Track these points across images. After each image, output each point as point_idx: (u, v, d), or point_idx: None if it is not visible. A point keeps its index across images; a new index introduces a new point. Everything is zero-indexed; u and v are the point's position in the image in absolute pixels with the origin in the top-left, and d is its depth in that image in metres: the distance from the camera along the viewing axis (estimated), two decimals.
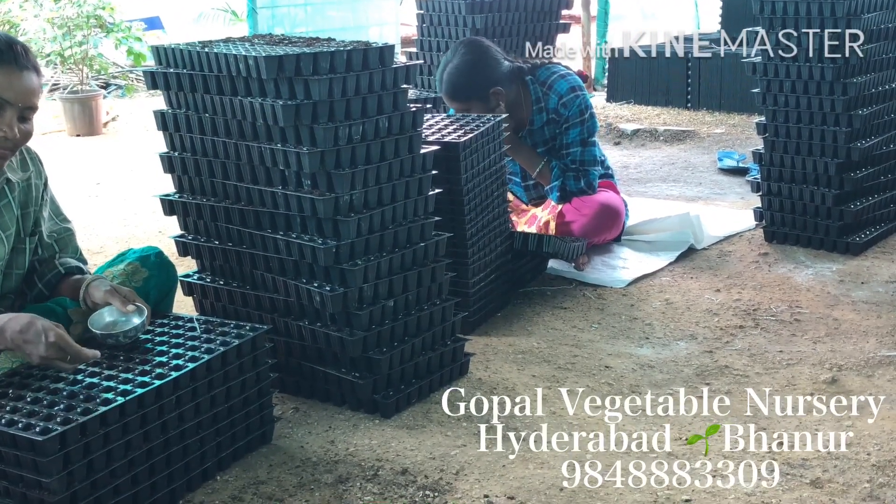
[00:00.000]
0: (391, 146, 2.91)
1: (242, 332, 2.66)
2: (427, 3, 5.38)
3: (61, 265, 2.76)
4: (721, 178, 5.79)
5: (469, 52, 4.11)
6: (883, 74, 4.37)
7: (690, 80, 7.78)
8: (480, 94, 4.06)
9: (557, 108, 4.15)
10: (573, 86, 4.18)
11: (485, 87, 4.06)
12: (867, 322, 3.52)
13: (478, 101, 4.06)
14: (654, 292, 3.90)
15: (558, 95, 4.15)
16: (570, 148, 4.16)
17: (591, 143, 4.19)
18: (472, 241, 3.49)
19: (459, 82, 4.06)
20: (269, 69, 2.70)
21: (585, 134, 4.16)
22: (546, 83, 4.18)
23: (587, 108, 4.18)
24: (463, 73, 4.07)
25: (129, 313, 2.60)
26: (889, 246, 4.32)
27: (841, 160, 4.20)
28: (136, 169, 6.37)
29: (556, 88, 4.16)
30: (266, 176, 2.89)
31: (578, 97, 4.16)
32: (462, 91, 4.06)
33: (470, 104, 4.06)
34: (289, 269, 2.91)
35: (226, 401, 2.58)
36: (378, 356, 2.84)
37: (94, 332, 2.57)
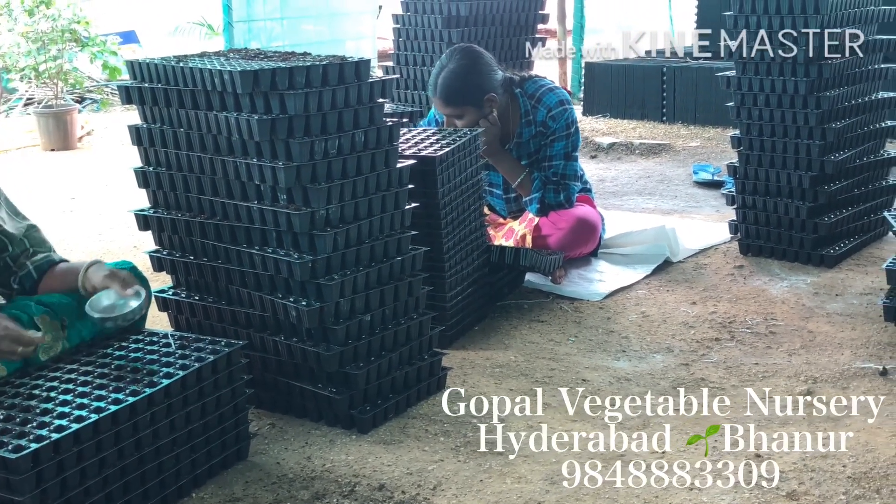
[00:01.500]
0: (367, 160, 2.90)
1: (217, 348, 2.65)
2: (403, 18, 5.39)
3: (44, 258, 2.76)
4: (696, 191, 5.83)
5: (464, 57, 4.11)
6: (855, 88, 4.41)
7: (666, 94, 7.83)
8: (475, 101, 4.06)
9: (546, 120, 4.16)
10: (561, 99, 4.20)
11: (480, 94, 4.06)
12: (842, 334, 3.54)
13: (472, 107, 4.06)
14: (630, 305, 3.91)
15: (547, 108, 4.16)
16: (554, 160, 4.17)
17: (573, 157, 4.21)
18: (450, 255, 3.49)
19: (455, 87, 4.05)
20: (245, 84, 2.69)
21: (569, 148, 4.18)
22: (535, 96, 4.19)
23: (573, 123, 4.20)
24: (459, 77, 4.05)
25: (128, 296, 2.63)
26: (863, 258, 4.35)
27: (815, 173, 4.23)
28: (111, 183, 6.34)
29: (545, 101, 4.17)
30: (241, 191, 2.88)
31: (566, 111, 4.17)
32: (457, 96, 4.05)
33: (464, 110, 4.06)
34: (264, 284, 2.90)
35: (201, 417, 2.57)
36: (355, 371, 2.83)
37: (92, 315, 2.59)
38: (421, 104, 5.29)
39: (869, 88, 4.55)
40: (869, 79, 4.52)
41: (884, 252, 4.33)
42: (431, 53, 5.26)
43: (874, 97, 4.56)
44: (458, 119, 4.07)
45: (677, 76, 7.78)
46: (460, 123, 4.07)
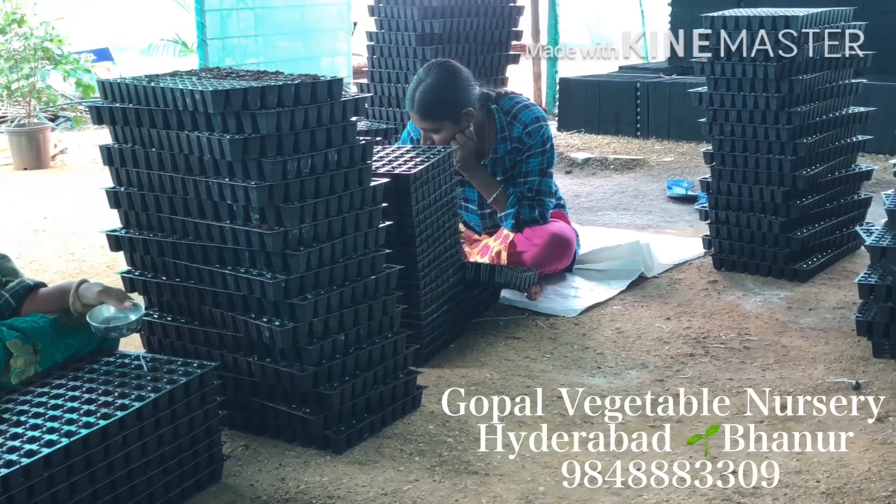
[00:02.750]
0: (341, 179, 2.90)
1: (190, 370, 2.63)
2: (377, 35, 5.39)
3: (18, 284, 2.77)
4: (670, 206, 5.85)
5: (442, 72, 4.12)
6: (826, 103, 4.45)
7: (640, 109, 7.87)
8: (453, 115, 4.06)
9: (521, 136, 4.17)
10: (537, 116, 4.21)
11: (457, 108, 4.06)
12: (815, 349, 3.56)
13: (449, 121, 4.06)
14: (605, 321, 3.92)
15: (523, 125, 4.18)
16: (529, 176, 4.18)
17: (548, 174, 4.22)
18: (424, 273, 3.48)
19: (433, 101, 4.04)
20: (216, 103, 2.68)
21: (545, 164, 4.19)
22: (511, 112, 4.20)
23: (549, 139, 4.21)
24: (436, 91, 4.05)
25: (126, 309, 2.69)
26: (836, 272, 4.38)
27: (787, 188, 4.26)
28: (85, 202, 6.29)
29: (521, 118, 4.18)
30: (214, 210, 2.86)
31: (542, 127, 4.19)
32: (435, 110, 4.05)
33: (441, 124, 4.05)
34: (237, 305, 2.88)
35: (173, 440, 2.55)
36: (329, 391, 2.82)
37: (95, 325, 2.64)
38: (396, 121, 5.29)
39: (840, 103, 4.59)
40: (840, 94, 4.56)
41: (856, 266, 4.36)
42: (406, 70, 5.26)
43: (845, 112, 4.60)
44: (435, 133, 4.07)
45: (651, 91, 7.82)
46: (437, 138, 4.07)
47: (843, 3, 6.08)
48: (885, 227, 3.57)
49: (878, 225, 3.71)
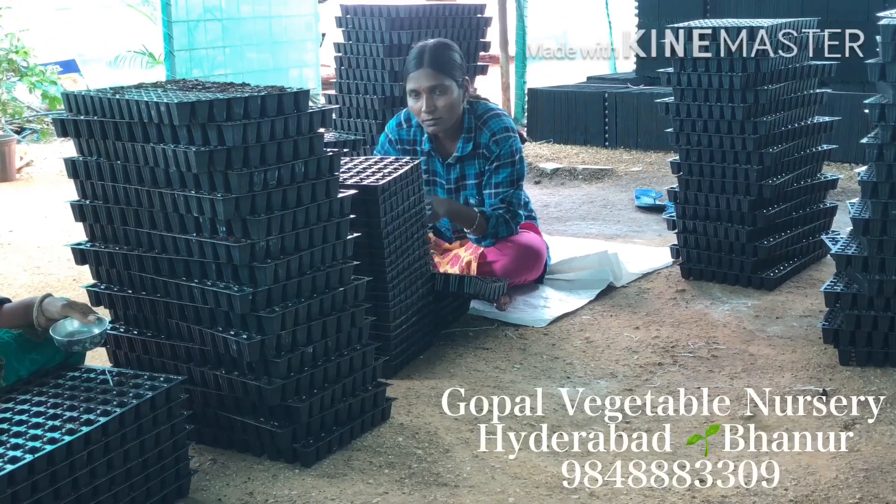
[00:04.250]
0: (308, 191, 2.89)
1: (156, 384, 2.61)
2: (345, 47, 5.39)
3: None
4: (639, 215, 5.88)
5: (444, 40, 4.31)
6: (791, 113, 4.49)
7: (608, 119, 7.91)
8: (458, 75, 4.15)
9: (489, 143, 4.19)
10: (507, 126, 4.23)
11: (462, 71, 4.19)
12: (782, 357, 3.58)
13: (454, 81, 4.14)
14: (574, 331, 3.92)
15: (491, 132, 4.19)
16: (500, 187, 4.19)
17: (519, 185, 4.23)
18: (393, 284, 3.48)
19: (445, 55, 4.14)
20: (181, 115, 2.66)
21: (515, 175, 4.20)
22: (482, 117, 4.22)
23: (518, 151, 4.22)
24: (448, 48, 4.19)
25: (90, 323, 2.67)
26: (802, 281, 4.42)
27: (753, 197, 4.29)
28: (51, 215, 6.23)
29: (491, 125, 4.20)
30: (180, 223, 2.84)
31: (511, 138, 4.20)
32: (447, 64, 4.12)
33: (448, 80, 4.11)
34: (204, 318, 2.86)
35: (140, 455, 2.52)
36: (297, 404, 2.80)
37: (58, 339, 2.62)
38: (364, 132, 5.29)
39: (805, 113, 4.64)
40: (805, 104, 4.61)
41: (822, 274, 4.40)
42: (374, 82, 5.26)
43: (810, 122, 4.64)
44: (441, 94, 4.10)
45: (619, 102, 7.87)
46: (442, 103, 4.09)
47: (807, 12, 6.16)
48: (850, 236, 3.61)
49: (843, 233, 3.75)
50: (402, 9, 5.25)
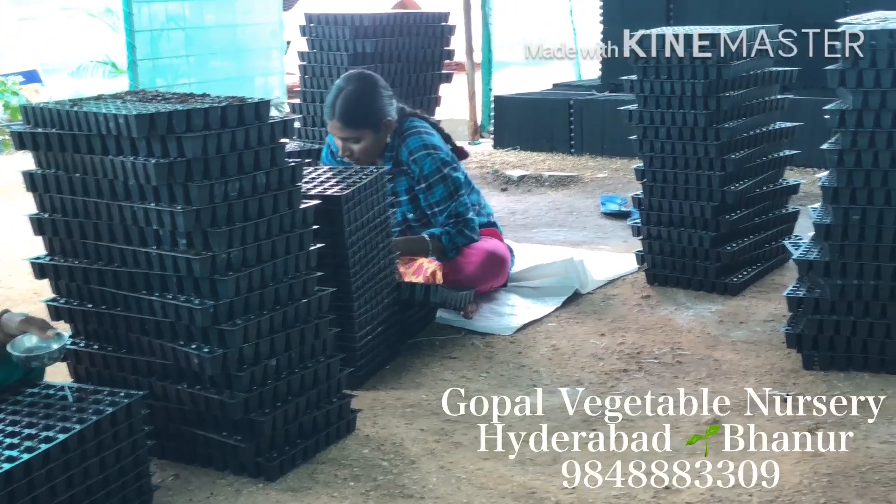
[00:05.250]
0: (270, 202, 2.86)
1: (117, 399, 2.58)
2: (309, 55, 5.37)
3: None
4: (604, 222, 5.89)
5: (362, 81, 4.14)
6: (754, 119, 4.52)
7: (574, 126, 7.93)
8: (374, 123, 4.08)
9: (409, 161, 4.17)
10: (426, 143, 4.18)
11: (378, 117, 4.09)
12: (746, 362, 3.59)
13: (371, 130, 4.07)
14: (541, 338, 3.92)
15: (408, 150, 4.17)
16: (441, 205, 4.17)
17: (459, 194, 4.19)
18: (358, 295, 3.46)
19: (355, 108, 4.05)
20: (140, 127, 2.64)
21: (451, 187, 4.17)
22: (402, 135, 4.20)
23: (446, 164, 4.17)
24: (359, 99, 4.07)
25: (49, 338, 2.64)
26: (766, 286, 4.44)
27: (716, 203, 4.31)
28: (12, 227, 6.15)
29: (409, 143, 4.18)
30: (140, 236, 2.81)
31: (430, 155, 4.16)
32: (358, 118, 4.05)
33: (363, 133, 4.06)
34: (165, 332, 2.83)
35: (100, 471, 2.49)
36: (260, 418, 2.78)
37: (16, 355, 2.60)
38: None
39: (767, 119, 4.67)
40: (767, 109, 4.64)
41: (785, 279, 4.42)
42: None
43: (772, 127, 4.68)
44: (354, 143, 4.07)
45: (584, 109, 7.89)
46: (357, 148, 4.07)
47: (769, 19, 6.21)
48: (812, 241, 3.64)
49: (805, 238, 3.77)
50: (366, 17, 5.25)
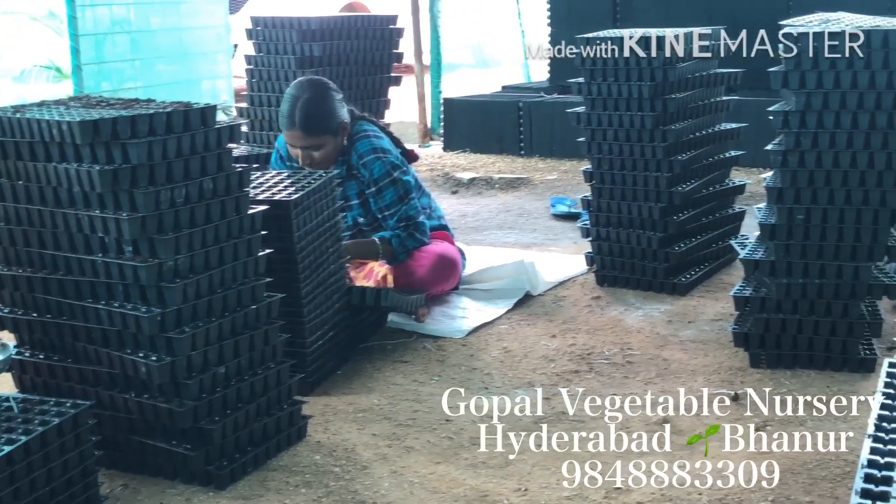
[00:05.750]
0: (217, 208, 2.84)
1: (63, 410, 2.54)
2: (256, 59, 5.34)
3: None
4: (554, 223, 5.93)
5: (317, 87, 4.12)
6: (700, 121, 4.57)
7: (523, 128, 7.96)
8: (335, 129, 4.08)
9: (358, 165, 4.17)
10: (375, 147, 4.18)
11: (337, 122, 4.09)
12: (695, 361, 3.63)
13: (331, 135, 4.07)
14: (492, 341, 3.93)
15: (358, 154, 4.17)
16: (391, 209, 4.16)
17: (409, 198, 4.19)
18: (308, 300, 3.44)
19: (316, 116, 4.03)
20: (84, 134, 2.60)
21: (401, 191, 4.17)
22: (352, 139, 4.19)
23: (395, 168, 4.17)
24: (319, 106, 4.05)
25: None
26: (713, 285, 4.49)
27: (664, 204, 4.35)
28: None
29: (357, 146, 4.18)
30: (85, 244, 2.77)
31: (380, 159, 4.15)
32: (320, 125, 4.04)
33: (324, 139, 4.05)
34: (112, 340, 2.79)
35: (47, 483, 2.45)
36: (210, 426, 2.75)
37: None
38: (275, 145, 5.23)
39: (713, 120, 4.73)
40: (712, 111, 4.70)
41: (733, 278, 4.48)
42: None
43: (718, 129, 4.73)
44: (315, 151, 4.05)
45: (534, 111, 7.93)
46: (318, 155, 4.06)
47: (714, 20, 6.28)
48: (758, 240, 3.68)
49: (751, 238, 3.82)
50: (313, 21, 5.22)
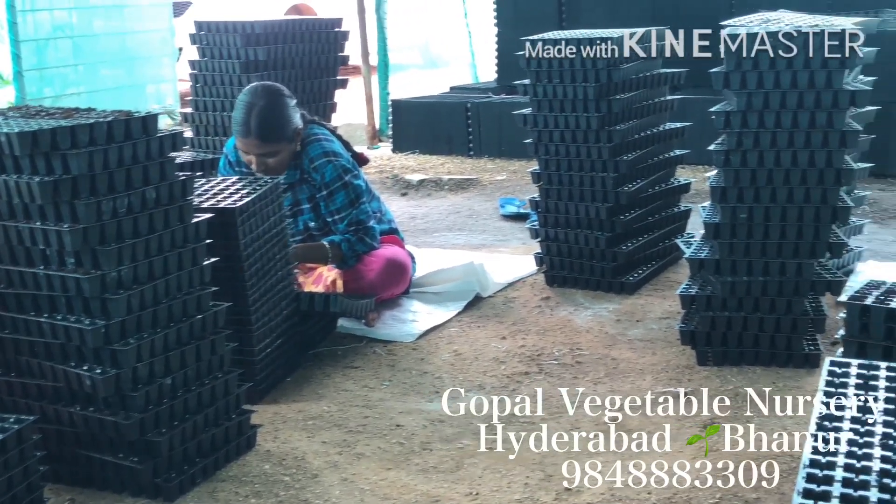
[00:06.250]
0: (160, 217, 2.81)
1: (6, 426, 2.49)
2: (200, 64, 5.29)
3: None
4: (504, 224, 5.94)
5: (272, 93, 4.09)
6: (644, 121, 4.61)
7: (471, 129, 7.97)
8: (290, 135, 4.06)
9: (309, 169, 4.15)
10: (326, 151, 4.16)
11: (293, 128, 4.07)
12: (643, 360, 3.66)
13: (287, 142, 4.05)
14: (443, 344, 3.93)
15: (309, 159, 4.15)
16: (342, 212, 4.15)
17: (360, 202, 4.18)
18: (256, 308, 3.42)
19: (272, 123, 4.00)
20: (23, 145, 2.56)
21: (352, 195, 4.16)
22: (303, 142, 4.17)
23: (347, 171, 4.15)
24: (275, 113, 4.02)
25: None
26: (660, 283, 4.53)
27: (610, 204, 4.39)
28: None
29: (309, 151, 4.16)
30: (26, 256, 2.73)
31: (332, 163, 4.14)
32: (276, 132, 4.01)
33: (280, 146, 4.03)
34: (56, 353, 2.75)
35: None
36: (157, 438, 2.72)
37: None
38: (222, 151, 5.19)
39: (657, 120, 4.77)
40: (657, 111, 4.74)
41: (679, 276, 4.52)
42: (231, 98, 5.15)
43: (663, 128, 4.78)
44: (271, 157, 4.02)
45: (482, 111, 7.94)
46: (273, 161, 4.03)
47: (657, 20, 6.34)
48: (702, 239, 3.72)
49: (696, 236, 3.86)
50: (257, 24, 5.18)
